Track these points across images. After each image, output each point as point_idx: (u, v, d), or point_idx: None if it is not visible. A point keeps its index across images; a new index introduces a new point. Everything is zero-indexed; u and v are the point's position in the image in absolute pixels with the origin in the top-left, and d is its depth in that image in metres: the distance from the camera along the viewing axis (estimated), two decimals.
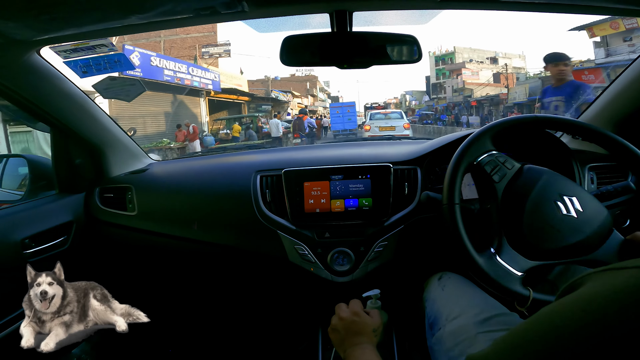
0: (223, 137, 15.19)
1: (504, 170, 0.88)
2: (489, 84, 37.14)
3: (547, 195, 0.83)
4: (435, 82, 48.02)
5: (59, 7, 0.79)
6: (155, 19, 0.89)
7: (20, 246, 1.12)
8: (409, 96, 58.85)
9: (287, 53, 0.97)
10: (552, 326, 0.36)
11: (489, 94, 33.82)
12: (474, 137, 0.91)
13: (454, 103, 38.88)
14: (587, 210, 0.82)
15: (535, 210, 0.82)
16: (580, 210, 0.82)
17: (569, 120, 0.97)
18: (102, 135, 1.37)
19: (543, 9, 0.98)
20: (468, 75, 41.60)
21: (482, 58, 44.86)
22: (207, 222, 1.32)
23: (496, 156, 0.89)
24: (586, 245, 0.80)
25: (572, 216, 0.81)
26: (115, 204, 1.37)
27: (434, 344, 0.91)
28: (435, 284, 1.05)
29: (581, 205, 0.82)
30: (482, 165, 0.89)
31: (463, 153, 0.90)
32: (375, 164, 1.24)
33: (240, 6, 0.85)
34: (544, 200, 0.83)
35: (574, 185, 0.87)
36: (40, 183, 1.42)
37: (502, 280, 0.79)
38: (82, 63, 1.06)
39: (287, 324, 1.59)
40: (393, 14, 1.01)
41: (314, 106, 39.95)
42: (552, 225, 0.80)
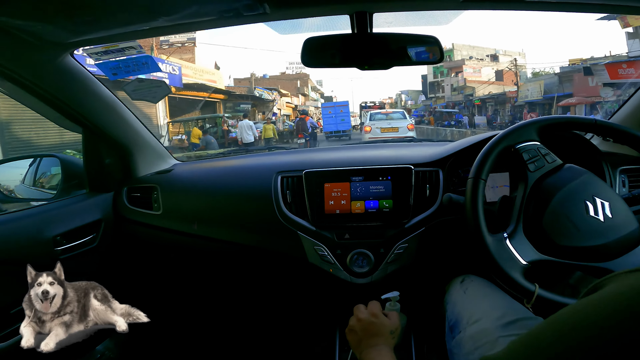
0: (177, 144, 13.05)
1: (542, 161, 0.87)
2: (492, 82, 34.78)
3: (579, 193, 0.81)
4: (433, 80, 45.59)
5: (91, 9, 0.84)
6: (180, 21, 0.92)
7: (52, 243, 1.16)
8: (404, 96, 56.72)
9: (308, 54, 0.99)
10: (571, 327, 0.34)
11: (492, 93, 31.79)
12: (520, 125, 0.92)
13: (453, 102, 36.61)
14: (616, 218, 0.79)
15: (562, 204, 0.80)
16: (609, 216, 0.79)
17: (599, 122, 0.94)
18: (131, 136, 1.41)
19: (569, 9, 0.96)
20: (469, 72, 38.60)
21: (482, 55, 42.18)
22: (228, 221, 1.34)
23: (538, 147, 0.89)
24: (604, 251, 0.77)
25: (599, 219, 0.78)
26: (142, 203, 1.41)
27: (454, 347, 0.89)
28: (457, 287, 1.03)
29: (612, 212, 0.79)
30: (521, 152, 0.88)
31: (505, 136, 0.90)
32: (396, 165, 1.24)
33: (262, 8, 0.87)
34: (574, 197, 0.81)
35: (611, 192, 0.84)
36: (71, 182, 1.47)
37: (505, 266, 0.78)
38: (112, 65, 1.11)
39: (305, 324, 1.59)
40: (414, 14, 1.01)
41: (304, 106, 36.44)
42: (575, 223, 0.78)
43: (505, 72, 32.83)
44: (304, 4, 0.91)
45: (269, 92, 25.01)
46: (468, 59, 40.00)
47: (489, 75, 36.93)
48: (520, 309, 0.87)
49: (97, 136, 1.35)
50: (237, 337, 1.67)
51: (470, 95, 35.48)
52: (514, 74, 28.23)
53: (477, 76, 38.01)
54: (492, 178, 1.19)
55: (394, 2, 0.95)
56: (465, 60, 39.86)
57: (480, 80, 36.79)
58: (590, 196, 0.80)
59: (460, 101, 35.88)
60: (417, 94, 51.82)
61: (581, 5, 0.92)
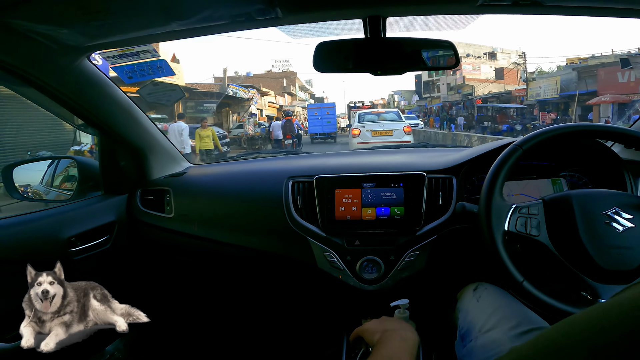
0: None
1: (533, 220, 0.85)
2: (493, 80, 32.95)
3: (592, 216, 0.80)
4: (428, 79, 44.08)
5: (107, 13, 0.85)
6: (194, 25, 0.93)
7: (66, 244, 1.17)
8: (397, 96, 55.18)
9: (320, 59, 0.98)
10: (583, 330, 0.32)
11: (493, 92, 29.75)
12: (508, 153, 0.89)
13: (450, 102, 34.67)
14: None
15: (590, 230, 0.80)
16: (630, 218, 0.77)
17: (621, 130, 0.91)
18: (145, 139, 1.43)
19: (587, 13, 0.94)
20: (469, 70, 36.14)
21: (479, 53, 39.67)
22: (239, 226, 1.34)
23: (519, 209, 0.86)
24: None
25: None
26: (155, 206, 1.42)
27: (465, 355, 0.87)
28: (470, 295, 1.00)
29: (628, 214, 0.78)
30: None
31: (502, 163, 0.88)
32: (409, 172, 1.22)
33: (274, 12, 0.87)
34: (593, 222, 0.80)
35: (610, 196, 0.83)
36: (87, 184, 1.50)
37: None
38: (128, 69, 1.13)
39: (313, 329, 1.58)
40: (428, 18, 0.99)
41: (291, 106, 35.05)
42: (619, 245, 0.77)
43: (508, 71, 31.08)
44: (316, 8, 0.91)
45: (244, 90, 21.60)
46: (465, 56, 37.65)
47: (487, 74, 35.71)
48: (535, 318, 0.84)
49: (113, 139, 1.37)
50: (245, 341, 1.67)
51: (469, 95, 33.40)
52: (518, 71, 26.71)
53: (477, 74, 36.18)
54: (508, 186, 1.16)
55: (407, 7, 0.94)
56: (462, 58, 36.06)
57: (479, 78, 35.11)
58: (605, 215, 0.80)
59: (458, 101, 34.19)
60: (411, 95, 51.07)
61: (600, 9, 0.89)
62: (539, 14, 0.96)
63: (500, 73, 33.95)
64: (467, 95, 33.70)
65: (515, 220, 0.85)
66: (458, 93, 35.78)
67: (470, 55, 37.62)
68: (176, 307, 1.18)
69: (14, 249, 1.08)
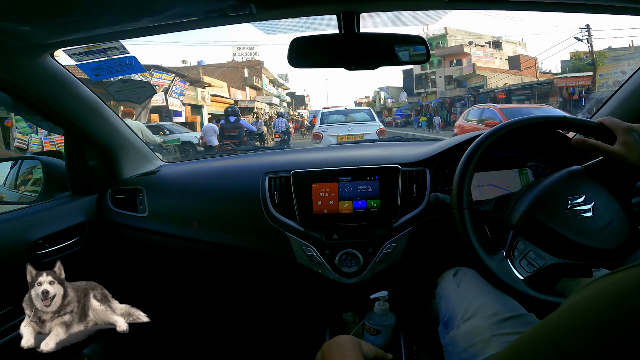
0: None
1: None
2: (506, 70, 26.37)
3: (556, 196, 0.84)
4: (420, 73, 38.16)
5: (72, 10, 0.81)
6: (165, 21, 0.90)
7: (34, 247, 1.14)
8: (383, 93, 51.40)
9: (295, 55, 0.98)
10: (559, 329, 0.35)
11: (509, 84, 23.83)
12: (482, 139, 0.91)
13: (450, 98, 29.23)
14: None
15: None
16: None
17: (579, 120, 0.95)
18: (114, 138, 1.39)
19: (554, 9, 0.97)
20: (479, 57, 29.48)
21: (481, 42, 35.15)
22: (216, 223, 1.33)
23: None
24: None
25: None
26: (127, 206, 1.39)
27: (448, 344, 0.90)
28: (450, 280, 1.02)
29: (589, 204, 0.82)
30: None
31: (471, 156, 0.89)
32: (384, 165, 1.24)
33: (249, 8, 0.86)
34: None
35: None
36: (54, 185, 1.45)
37: (510, 282, 0.80)
38: (94, 66, 1.08)
39: (295, 324, 1.59)
40: (401, 14, 1.01)
41: (250, 101, 27.08)
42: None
43: (525, 59, 26.21)
44: (290, 4, 0.90)
45: (157, 75, 14.29)
46: (467, 44, 33.14)
47: (493, 65, 29.86)
48: (512, 305, 0.87)
49: (80, 138, 1.33)
50: (227, 338, 1.66)
51: (479, 88, 26.19)
52: (529, 63, 22.30)
53: (489, 62, 29.60)
54: (477, 177, 1.21)
55: (380, 2, 0.95)
56: (464, 46, 32.95)
57: (493, 67, 27.96)
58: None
59: (461, 96, 28.19)
60: (398, 91, 47.37)
61: (567, 5, 0.93)
62: (505, 10, 0.99)
63: (516, 62, 26.97)
64: (476, 89, 26.63)
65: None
66: (462, 87, 28.88)
67: (473, 43, 33.56)
68: (156, 306, 1.16)
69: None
